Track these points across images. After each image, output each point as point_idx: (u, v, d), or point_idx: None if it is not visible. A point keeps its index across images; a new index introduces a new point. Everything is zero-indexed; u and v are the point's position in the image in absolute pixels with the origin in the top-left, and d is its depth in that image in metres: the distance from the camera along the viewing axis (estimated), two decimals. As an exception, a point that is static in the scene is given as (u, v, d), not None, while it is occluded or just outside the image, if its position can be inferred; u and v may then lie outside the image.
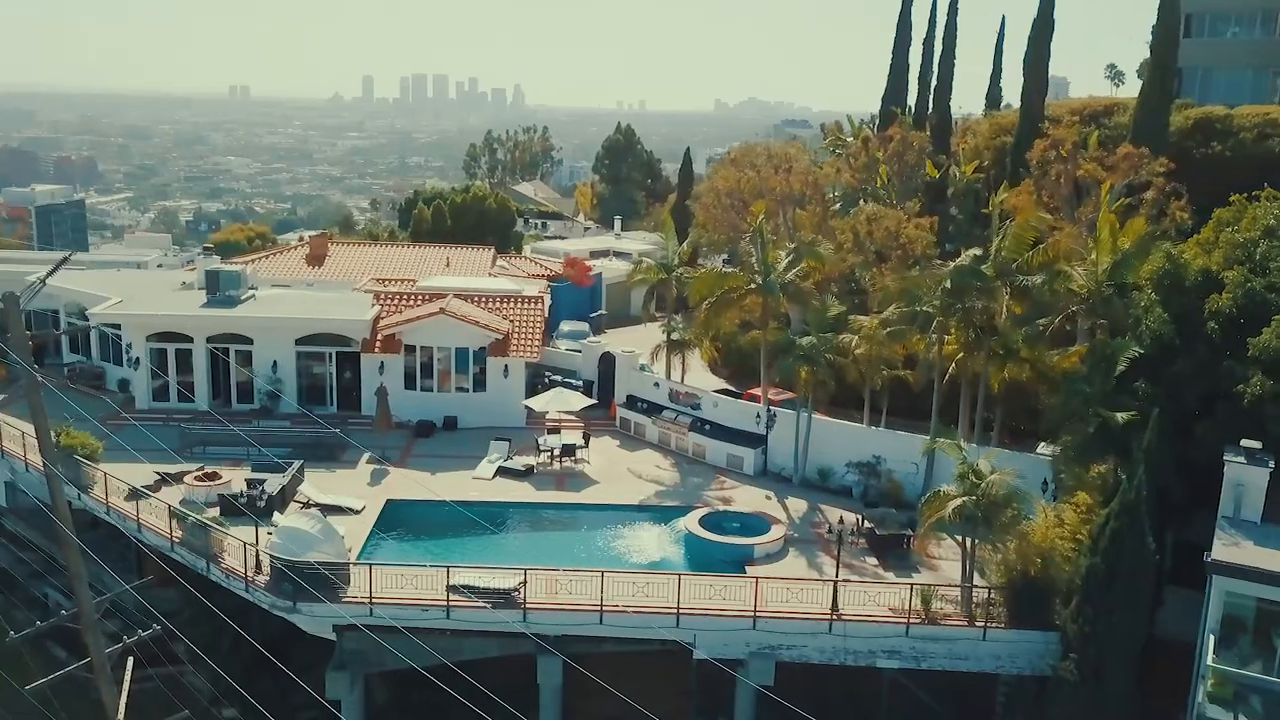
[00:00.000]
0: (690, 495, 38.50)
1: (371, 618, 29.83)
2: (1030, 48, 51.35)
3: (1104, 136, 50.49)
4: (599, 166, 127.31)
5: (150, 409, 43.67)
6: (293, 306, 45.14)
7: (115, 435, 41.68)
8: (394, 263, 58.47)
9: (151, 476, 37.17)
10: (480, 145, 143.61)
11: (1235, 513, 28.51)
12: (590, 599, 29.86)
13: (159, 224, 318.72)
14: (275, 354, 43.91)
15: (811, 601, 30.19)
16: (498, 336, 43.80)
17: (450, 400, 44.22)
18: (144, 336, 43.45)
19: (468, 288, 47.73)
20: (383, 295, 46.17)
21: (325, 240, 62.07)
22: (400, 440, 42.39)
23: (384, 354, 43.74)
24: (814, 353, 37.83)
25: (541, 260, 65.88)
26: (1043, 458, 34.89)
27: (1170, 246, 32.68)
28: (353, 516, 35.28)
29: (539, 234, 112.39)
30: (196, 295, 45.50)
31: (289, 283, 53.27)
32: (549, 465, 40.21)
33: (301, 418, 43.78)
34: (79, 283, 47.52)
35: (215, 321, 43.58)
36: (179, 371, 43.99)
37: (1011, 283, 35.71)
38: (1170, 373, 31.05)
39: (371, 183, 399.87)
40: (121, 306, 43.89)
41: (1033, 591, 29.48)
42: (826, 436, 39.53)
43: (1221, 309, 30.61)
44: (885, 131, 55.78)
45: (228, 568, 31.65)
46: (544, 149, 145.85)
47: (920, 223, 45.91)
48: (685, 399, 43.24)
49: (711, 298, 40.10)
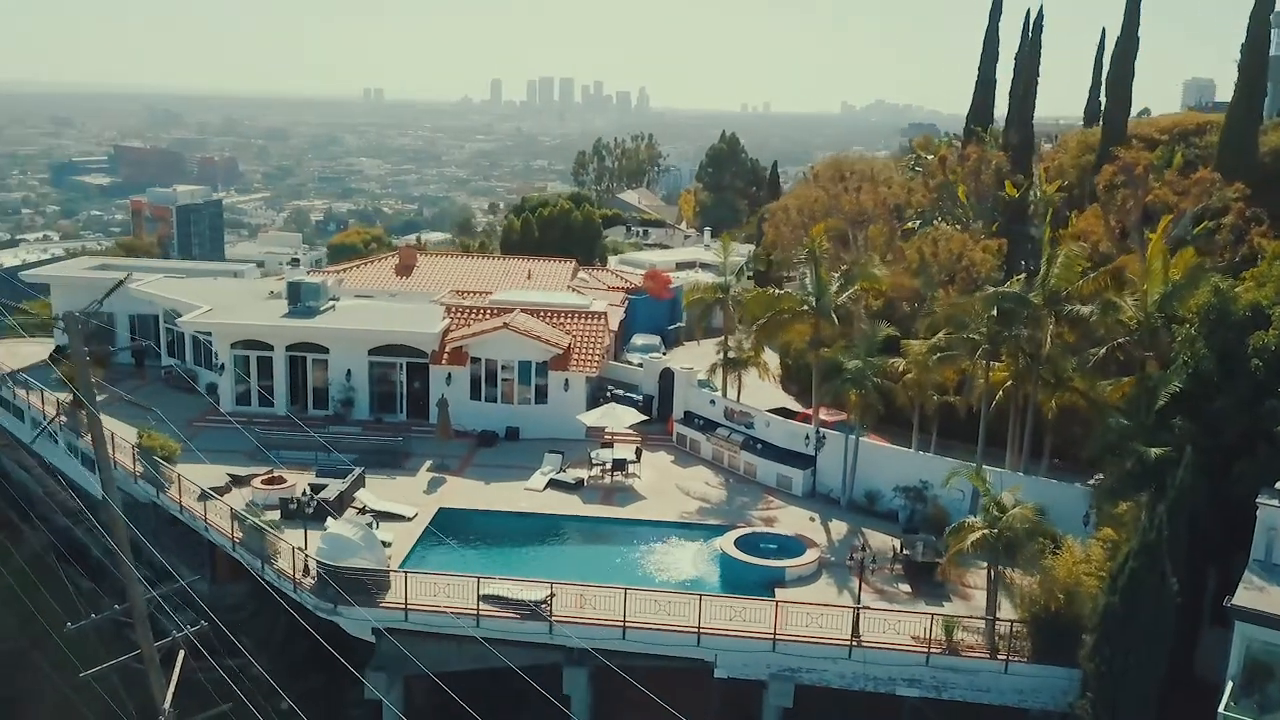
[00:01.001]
0: (734, 514, 39.01)
1: (406, 623, 31.35)
2: (1113, 65, 50.31)
3: (1192, 157, 49.25)
4: (702, 174, 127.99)
5: (233, 412, 46.13)
6: (367, 318, 47.18)
7: (199, 437, 44.49)
8: (478, 274, 60.28)
9: (224, 478, 39.60)
10: (589, 153, 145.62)
11: (1267, 556, 27.82)
12: (614, 615, 30.72)
13: (291, 223, 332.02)
14: (350, 363, 45.96)
15: (832, 627, 30.48)
16: (558, 351, 45.02)
17: (513, 411, 45.61)
18: (229, 344, 45.99)
19: (536, 302, 49.09)
20: (453, 308, 47.86)
21: (414, 251, 64.34)
22: (463, 449, 43.95)
23: (451, 365, 45.37)
24: (860, 376, 37.96)
25: (624, 272, 66.93)
26: (1087, 489, 34.40)
27: (1219, 279, 31.89)
28: (404, 523, 36.89)
29: (639, 242, 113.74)
30: (280, 305, 47.89)
31: (377, 292, 55.42)
32: (600, 479, 41.18)
33: (373, 424, 45.89)
34: (176, 291, 50.48)
35: (294, 331, 45.87)
36: (260, 377, 46.42)
37: (1057, 311, 35.23)
38: (1212, 409, 30.39)
39: (495, 185, 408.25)
40: (209, 315, 46.54)
41: (1056, 627, 29.22)
42: (874, 460, 39.57)
43: (1266, 345, 29.83)
44: (964, 149, 55.17)
45: (279, 569, 33.51)
46: (650, 156, 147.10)
47: (988, 245, 45.50)
48: (739, 417, 43.73)
49: (763, 319, 40.51)
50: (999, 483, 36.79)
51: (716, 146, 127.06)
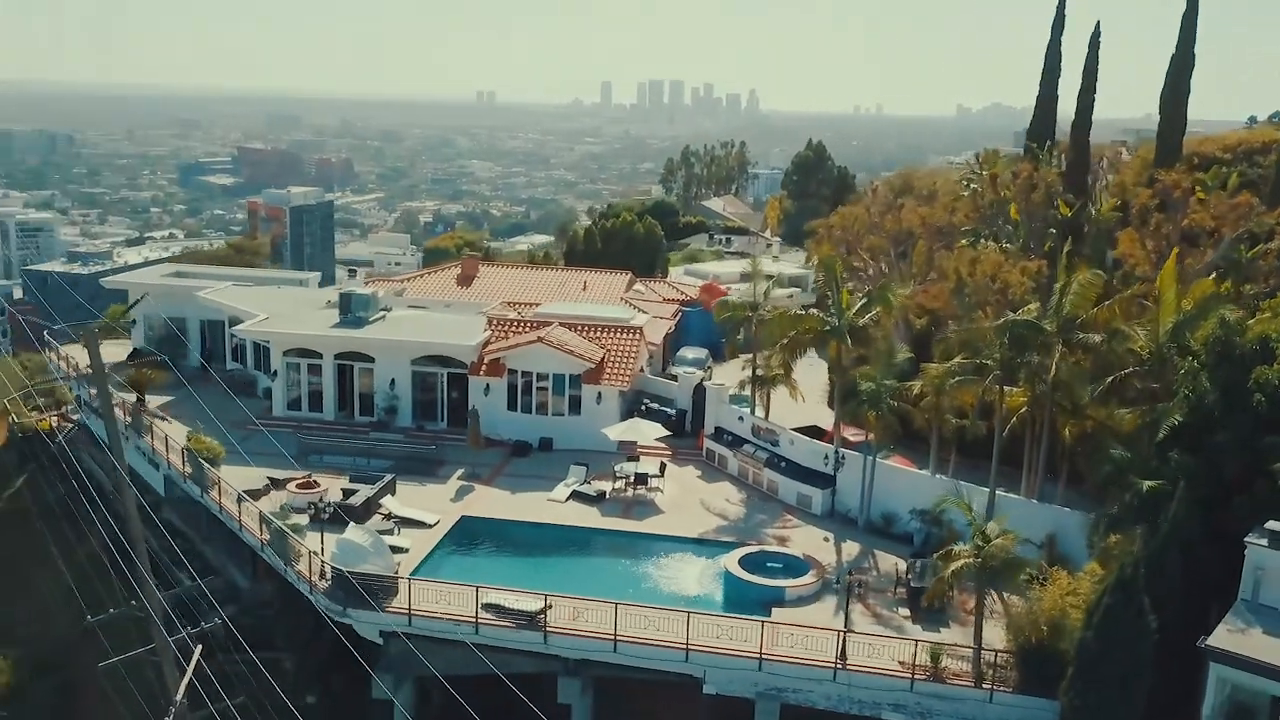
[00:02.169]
0: (749, 532, 39.51)
1: (410, 627, 32.74)
2: (1167, 84, 49.19)
3: (1255, 177, 48.00)
4: (787, 182, 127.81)
5: (285, 416, 48.38)
6: (412, 329, 48.93)
7: (253, 439, 46.76)
8: (535, 286, 61.76)
9: (264, 480, 41.65)
10: (678, 160, 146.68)
11: (1254, 597, 27.34)
12: (607, 628, 31.61)
13: (400, 224, 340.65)
14: (394, 372, 47.78)
15: (818, 649, 30.84)
16: (590, 365, 46.07)
17: (547, 423, 46.83)
18: (281, 351, 48.23)
19: (576, 315, 50.25)
20: (494, 320, 49.30)
21: (476, 262, 66.15)
22: (496, 458, 45.33)
23: (489, 376, 46.80)
24: (876, 397, 38.12)
25: (683, 284, 67.71)
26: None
27: (1229, 310, 31.27)
28: (425, 530, 38.37)
29: (720, 249, 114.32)
30: (331, 315, 50.00)
31: (433, 303, 57.24)
32: (623, 492, 42.08)
33: (415, 431, 47.62)
34: (239, 299, 53.04)
35: (341, 341, 47.87)
36: (310, 384, 48.55)
37: (1069, 339, 34.89)
38: (1213, 444, 29.87)
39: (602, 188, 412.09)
40: (264, 324, 48.87)
41: (1041, 658, 29.12)
42: (891, 482, 39.64)
43: (1269, 380, 29.21)
44: (1018, 167, 54.47)
45: (299, 571, 35.26)
46: (740, 163, 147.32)
47: (1026, 266, 45.01)
48: (765, 434, 44.15)
49: (784, 339, 40.92)
50: (1010, 510, 36.84)
51: (802, 154, 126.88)
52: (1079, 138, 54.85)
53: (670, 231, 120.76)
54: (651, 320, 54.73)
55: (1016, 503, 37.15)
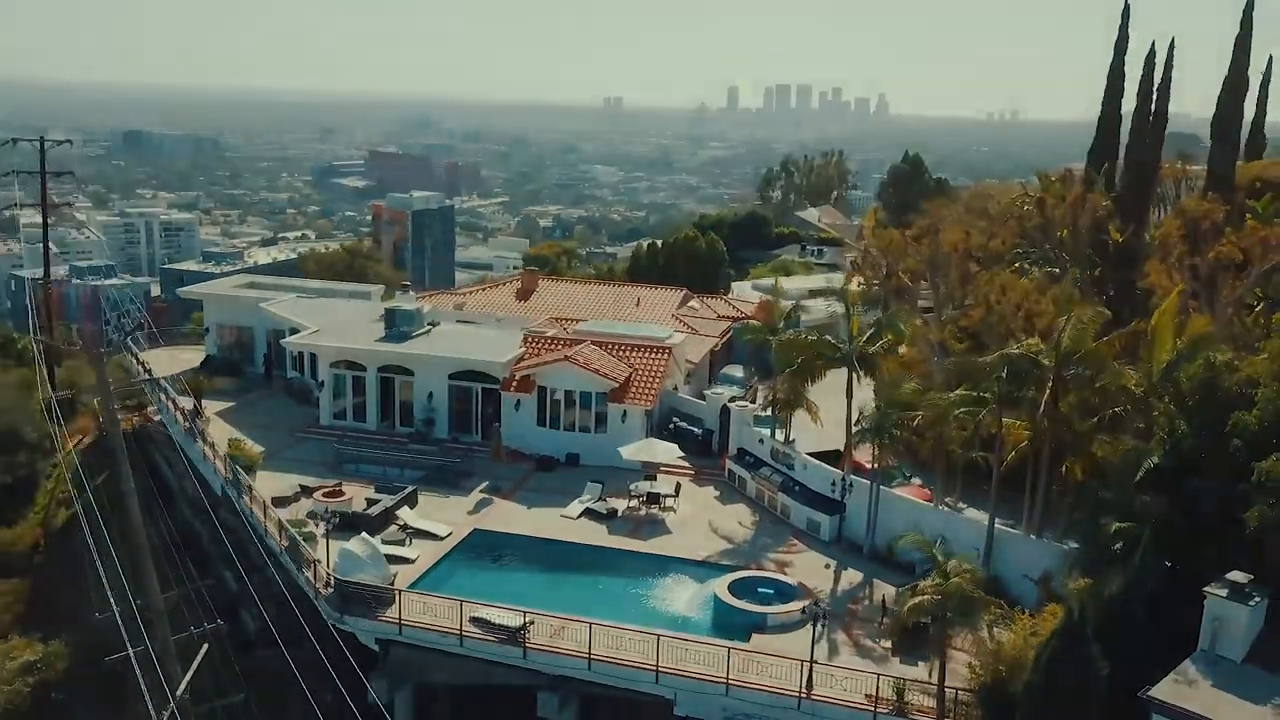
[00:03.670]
0: (751, 555, 39.91)
1: (401, 636, 34.31)
2: (1219, 104, 47.67)
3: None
4: (883, 193, 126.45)
5: (330, 425, 50.72)
6: (449, 345, 50.69)
7: (301, 445, 49.32)
8: (588, 301, 63.06)
9: (296, 487, 43.86)
10: (776, 169, 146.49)
11: (1211, 647, 26.71)
12: (582, 646, 32.56)
13: (520, 229, 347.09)
14: (432, 386, 49.62)
15: (785, 677, 31.19)
16: (615, 384, 47.04)
17: (574, 439, 47.99)
18: (329, 363, 50.56)
19: (609, 333, 51.31)
20: (529, 337, 50.73)
21: (535, 277, 67.82)
22: (520, 473, 46.66)
23: (520, 392, 48.22)
24: (880, 426, 38.16)
25: (748, 300, 68.13)
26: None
27: (1216, 352, 30.47)
28: (436, 541, 39.94)
29: (812, 261, 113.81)
30: (378, 329, 52.17)
31: (489, 316, 58.94)
32: (636, 510, 42.92)
33: (450, 443, 49.36)
34: (298, 312, 55.70)
35: (383, 355, 49.94)
36: (355, 395, 50.79)
37: (1062, 374, 34.36)
38: (1191, 487, 29.19)
39: (724, 193, 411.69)
40: (312, 336, 51.31)
41: (1002, 698, 28.93)
42: (895, 510, 39.54)
43: (1247, 425, 28.42)
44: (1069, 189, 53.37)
45: (308, 577, 37.18)
46: (839, 173, 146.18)
47: (1057, 294, 44.22)
48: (782, 458, 44.44)
49: (793, 365, 41.19)
50: (1008, 545, 36.53)
51: (898, 166, 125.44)
52: (1138, 160, 53.46)
53: (762, 242, 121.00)
54: (691, 338, 55.41)
55: (1015, 538, 36.82)
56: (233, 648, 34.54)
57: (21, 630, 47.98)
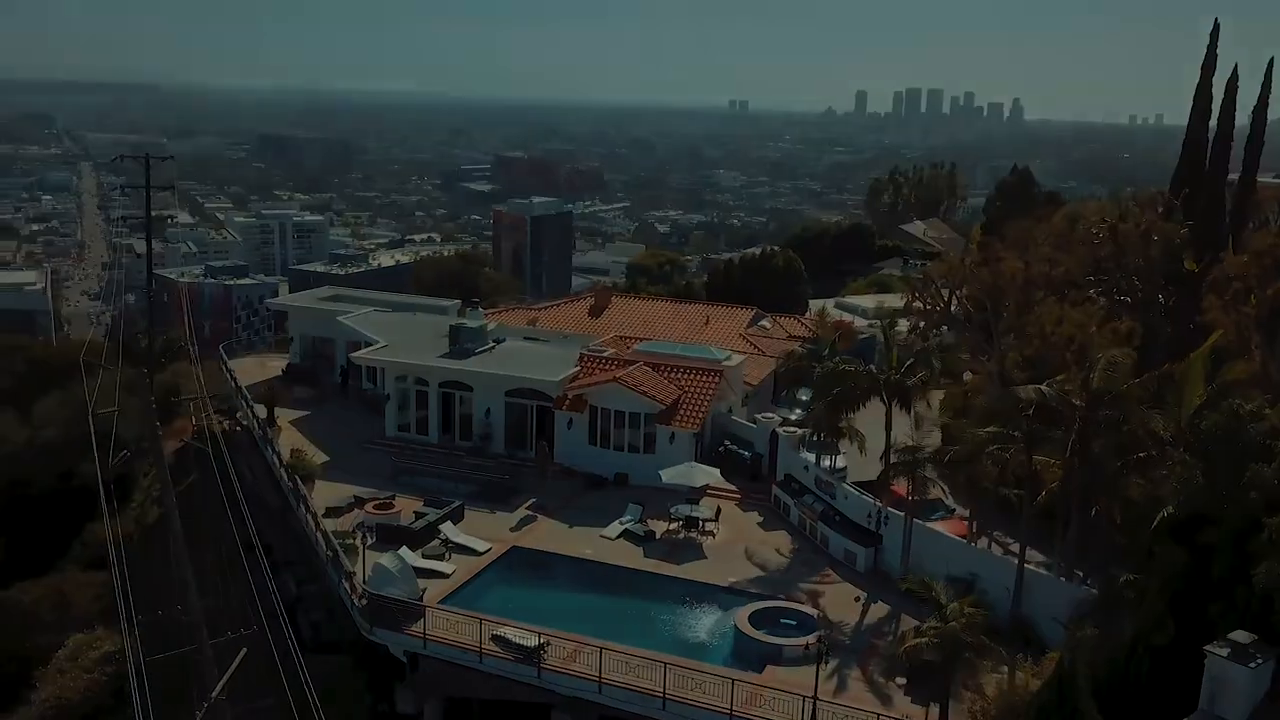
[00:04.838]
0: (783, 585, 39.92)
1: (425, 650, 35.56)
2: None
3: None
4: (989, 207, 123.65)
5: (394, 437, 52.56)
6: (506, 362, 52.00)
7: (366, 455, 51.21)
8: (657, 319, 63.71)
9: (350, 498, 45.63)
10: (885, 180, 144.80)
11: (1210, 707, 25.83)
12: (593, 669, 33.26)
13: (639, 234, 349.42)
14: (489, 402, 51.01)
15: (788, 713, 31.29)
16: (662, 406, 47.58)
17: (623, 458, 48.70)
18: (394, 377, 52.42)
19: (666, 354, 51.85)
20: (585, 356, 51.65)
21: (609, 294, 68.90)
22: (569, 490, 47.57)
23: (572, 411, 49.18)
24: (909, 461, 37.87)
25: (811, 321, 67.83)
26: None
27: (1245, 399, 29.42)
28: (474, 557, 41.13)
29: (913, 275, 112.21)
30: (443, 344, 53.82)
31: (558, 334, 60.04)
32: (675, 534, 43.38)
33: (506, 459, 50.66)
34: (370, 325, 57.76)
35: (444, 371, 51.52)
36: (419, 409, 52.52)
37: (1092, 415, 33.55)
38: (1204, 540, 28.27)
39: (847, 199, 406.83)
40: (377, 351, 53.25)
41: (999, 747, 28.62)
42: (929, 545, 39.14)
43: (1265, 479, 27.40)
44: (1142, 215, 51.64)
45: (347, 588, 38.77)
46: (949, 186, 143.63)
47: (1118, 328, 43.15)
48: (825, 486, 44.34)
49: (830, 394, 41.09)
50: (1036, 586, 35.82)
51: (1006, 180, 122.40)
52: (1213, 187, 51.58)
53: (865, 255, 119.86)
54: (755, 358, 55.53)
55: (1045, 579, 36.07)
56: (280, 653, 36.22)
57: (106, 622, 51.04)
